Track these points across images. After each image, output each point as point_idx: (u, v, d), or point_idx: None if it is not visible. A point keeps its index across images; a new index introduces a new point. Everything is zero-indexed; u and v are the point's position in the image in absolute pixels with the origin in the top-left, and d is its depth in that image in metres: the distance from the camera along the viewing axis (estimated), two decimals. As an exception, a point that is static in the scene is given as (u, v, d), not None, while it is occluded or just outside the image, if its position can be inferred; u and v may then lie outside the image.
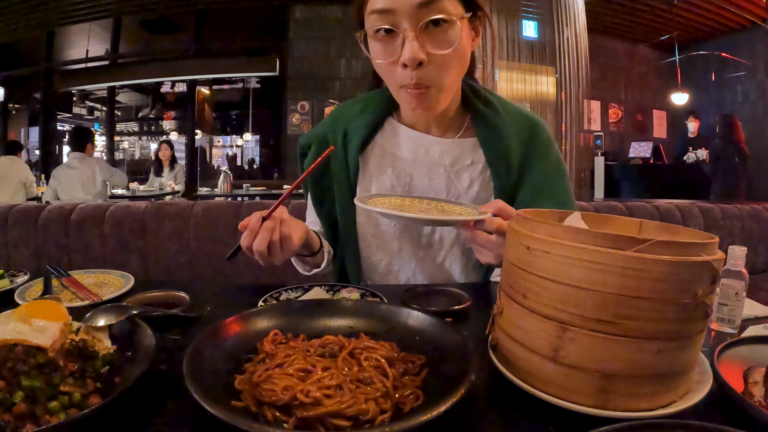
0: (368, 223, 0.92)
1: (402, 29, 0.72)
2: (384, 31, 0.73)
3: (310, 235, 0.87)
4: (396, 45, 0.73)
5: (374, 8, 0.73)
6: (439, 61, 0.73)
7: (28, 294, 0.79)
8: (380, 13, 0.72)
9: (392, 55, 0.74)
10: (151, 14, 7.17)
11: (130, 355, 0.50)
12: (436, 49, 0.72)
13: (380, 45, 0.75)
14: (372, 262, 0.94)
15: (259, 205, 1.48)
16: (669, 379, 0.41)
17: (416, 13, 0.70)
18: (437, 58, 0.73)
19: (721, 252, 0.42)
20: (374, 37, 0.75)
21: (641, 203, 1.65)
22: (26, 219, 1.41)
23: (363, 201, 0.74)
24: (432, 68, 0.74)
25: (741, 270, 0.68)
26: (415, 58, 0.71)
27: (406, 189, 0.91)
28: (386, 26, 0.72)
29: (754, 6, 6.35)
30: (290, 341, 0.51)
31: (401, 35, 0.72)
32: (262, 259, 0.77)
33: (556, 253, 0.41)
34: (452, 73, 0.77)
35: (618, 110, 7.77)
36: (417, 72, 0.73)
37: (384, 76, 0.81)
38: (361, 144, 0.91)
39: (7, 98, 7.51)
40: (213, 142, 9.11)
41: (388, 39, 0.74)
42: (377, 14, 0.73)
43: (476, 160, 0.90)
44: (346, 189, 0.92)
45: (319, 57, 6.75)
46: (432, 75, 0.74)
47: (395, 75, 0.76)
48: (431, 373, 0.46)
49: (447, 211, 0.78)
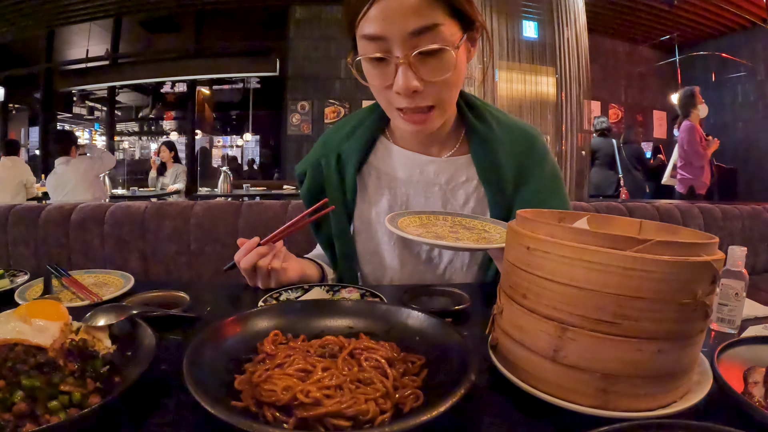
0: (368, 243, 0.92)
1: (394, 57, 0.69)
2: (375, 59, 0.70)
3: (308, 274, 0.88)
4: (389, 70, 0.71)
5: (365, 33, 0.69)
6: (436, 84, 0.71)
7: (28, 294, 0.79)
8: (371, 39, 0.69)
9: (386, 80, 0.72)
10: (151, 14, 7.17)
11: (130, 355, 0.50)
12: (432, 76, 0.70)
13: (373, 70, 0.73)
14: (371, 279, 0.94)
15: (259, 205, 1.48)
16: (669, 380, 0.41)
17: (409, 40, 0.67)
18: (434, 82, 0.71)
19: (721, 252, 0.42)
20: (366, 61, 0.73)
21: (641, 203, 1.65)
22: (26, 219, 1.41)
23: (394, 226, 0.74)
24: (428, 92, 0.72)
25: (741, 270, 0.68)
26: (408, 88, 0.69)
27: (402, 209, 0.90)
28: (378, 54, 0.69)
29: (754, 6, 6.35)
30: (290, 341, 0.51)
31: (393, 62, 0.69)
32: (249, 279, 0.83)
33: (556, 253, 0.41)
34: (449, 94, 0.76)
35: (618, 110, 7.77)
36: (413, 98, 0.71)
37: (378, 99, 0.79)
38: (357, 166, 0.90)
39: (7, 98, 7.51)
40: (213, 142, 9.11)
41: (380, 64, 0.71)
42: (368, 40, 0.69)
43: (470, 176, 0.89)
44: (343, 212, 0.91)
45: (319, 57, 6.75)
46: (430, 97, 0.73)
47: (390, 98, 0.75)
48: (431, 373, 0.46)
49: (470, 229, 0.80)
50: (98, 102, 9.09)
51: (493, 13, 5.72)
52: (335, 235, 0.92)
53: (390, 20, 0.67)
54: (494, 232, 0.79)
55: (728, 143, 7.47)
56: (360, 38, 0.71)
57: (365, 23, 0.69)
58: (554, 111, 6.18)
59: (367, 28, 0.69)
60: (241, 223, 1.42)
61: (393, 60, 0.69)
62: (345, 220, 0.91)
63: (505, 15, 5.87)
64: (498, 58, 5.82)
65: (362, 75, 0.76)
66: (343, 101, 6.86)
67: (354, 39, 0.75)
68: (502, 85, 6.01)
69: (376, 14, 0.67)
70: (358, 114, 0.97)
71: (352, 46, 0.76)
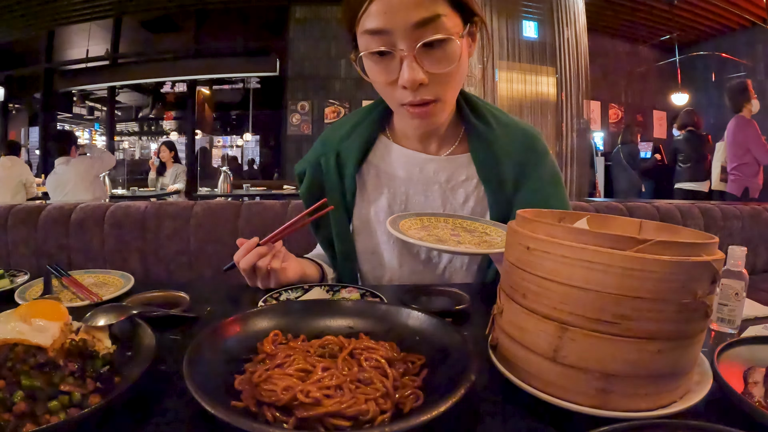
0: (367, 242, 0.92)
1: (398, 50, 0.68)
2: (379, 53, 0.70)
3: (308, 274, 0.88)
4: (393, 65, 0.70)
5: (367, 28, 0.69)
6: (440, 77, 0.71)
7: (28, 294, 0.79)
8: (374, 33, 0.69)
9: (390, 75, 0.72)
10: (151, 14, 7.17)
11: (130, 355, 0.50)
12: (437, 68, 0.70)
13: (376, 65, 0.73)
14: (371, 278, 0.94)
15: (259, 205, 1.48)
16: (669, 379, 0.41)
17: (413, 32, 0.67)
18: (438, 76, 0.71)
19: (721, 252, 0.42)
20: (369, 57, 0.72)
21: (641, 203, 1.65)
22: (26, 219, 1.41)
23: (396, 229, 0.74)
24: (433, 85, 0.72)
25: (741, 270, 0.68)
26: (415, 81, 0.69)
27: (402, 207, 0.90)
28: (381, 48, 0.69)
29: (754, 6, 6.35)
30: (290, 341, 0.51)
31: (398, 56, 0.69)
32: (248, 279, 0.82)
33: (556, 253, 0.41)
34: (453, 86, 0.76)
35: (618, 110, 7.78)
36: (418, 91, 0.71)
37: (382, 95, 0.79)
38: (356, 165, 0.90)
39: (7, 98, 7.52)
40: (213, 142, 9.11)
41: (384, 59, 0.71)
42: (371, 35, 0.69)
43: (470, 175, 0.89)
44: (342, 211, 0.91)
45: (319, 57, 6.75)
46: (434, 91, 0.73)
47: (395, 94, 0.74)
48: (431, 373, 0.46)
49: (471, 231, 0.80)
50: (98, 102, 9.10)
51: (493, 13, 5.72)
52: (335, 235, 0.92)
53: (392, 13, 0.67)
54: (495, 235, 0.79)
55: (728, 143, 7.46)
56: (362, 34, 0.71)
57: (367, 18, 0.69)
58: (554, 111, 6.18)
59: (369, 23, 0.69)
60: (241, 223, 1.42)
61: (397, 54, 0.69)
62: (344, 220, 0.91)
63: (505, 15, 5.87)
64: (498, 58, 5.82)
65: (366, 73, 0.76)
66: (343, 101, 6.86)
67: (354, 37, 0.74)
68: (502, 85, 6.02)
69: (378, 8, 0.67)
70: (358, 113, 0.96)
71: (352, 45, 0.76)
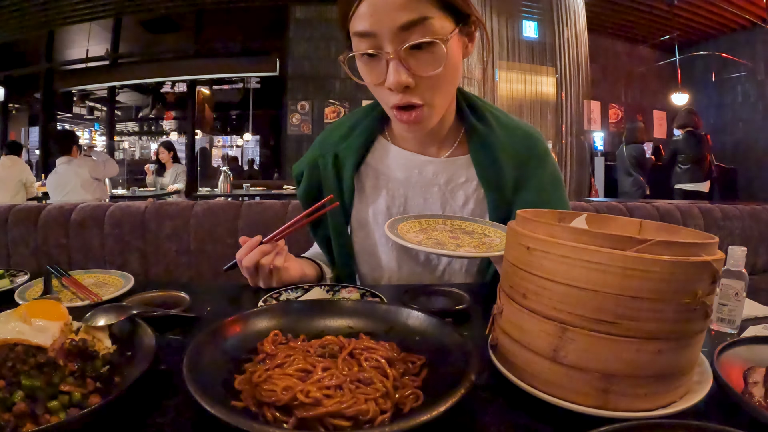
0: (364, 244, 0.92)
1: (384, 53, 0.68)
2: (368, 54, 0.70)
3: (307, 273, 0.88)
4: (381, 67, 0.71)
5: (356, 30, 0.69)
6: (428, 81, 0.71)
7: (28, 294, 0.79)
8: (361, 36, 0.69)
9: (379, 77, 0.72)
10: (151, 14, 7.17)
11: (130, 355, 0.50)
12: (423, 71, 0.69)
13: (365, 66, 0.73)
14: (369, 279, 0.94)
15: (259, 205, 1.48)
16: (669, 379, 0.41)
17: (399, 35, 0.67)
18: (426, 79, 0.70)
19: (721, 252, 0.42)
20: (359, 58, 0.73)
21: (641, 203, 1.65)
22: (26, 219, 1.41)
23: (394, 233, 0.73)
24: (421, 88, 0.71)
25: (741, 270, 0.68)
26: (399, 83, 0.69)
27: (401, 209, 0.90)
28: (369, 51, 0.69)
29: (754, 6, 6.36)
30: (290, 341, 0.51)
31: (384, 58, 0.69)
32: (250, 278, 0.82)
33: (556, 253, 0.41)
34: (443, 90, 0.75)
35: (618, 110, 7.78)
36: (404, 94, 0.71)
37: (375, 96, 0.79)
38: (355, 166, 0.90)
39: (7, 98, 7.52)
40: (213, 142, 9.11)
41: (372, 61, 0.71)
42: (359, 37, 0.70)
43: (470, 177, 0.88)
44: (340, 213, 0.90)
45: (319, 57, 6.75)
46: (422, 94, 0.72)
47: (384, 95, 0.74)
48: (431, 373, 0.46)
49: (471, 233, 0.79)
50: (98, 102, 9.11)
51: (493, 13, 5.73)
52: (333, 235, 0.92)
53: (379, 16, 0.67)
54: (494, 237, 0.78)
55: (728, 143, 7.49)
56: (352, 35, 0.72)
57: (356, 20, 0.69)
58: (554, 111, 6.19)
59: (357, 24, 0.69)
60: (241, 223, 1.42)
61: (384, 56, 0.69)
62: (342, 221, 0.91)
63: (505, 15, 5.88)
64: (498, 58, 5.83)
65: (356, 73, 0.76)
66: (343, 101, 6.87)
67: (348, 37, 0.75)
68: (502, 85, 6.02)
69: (365, 11, 0.67)
70: (356, 113, 0.96)
71: (347, 45, 0.76)
